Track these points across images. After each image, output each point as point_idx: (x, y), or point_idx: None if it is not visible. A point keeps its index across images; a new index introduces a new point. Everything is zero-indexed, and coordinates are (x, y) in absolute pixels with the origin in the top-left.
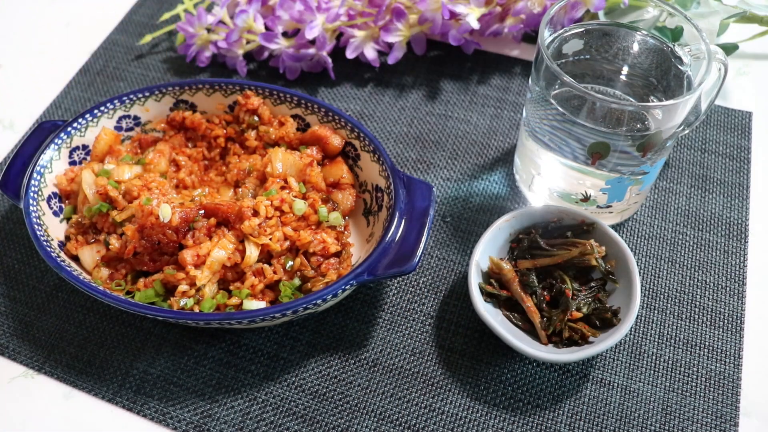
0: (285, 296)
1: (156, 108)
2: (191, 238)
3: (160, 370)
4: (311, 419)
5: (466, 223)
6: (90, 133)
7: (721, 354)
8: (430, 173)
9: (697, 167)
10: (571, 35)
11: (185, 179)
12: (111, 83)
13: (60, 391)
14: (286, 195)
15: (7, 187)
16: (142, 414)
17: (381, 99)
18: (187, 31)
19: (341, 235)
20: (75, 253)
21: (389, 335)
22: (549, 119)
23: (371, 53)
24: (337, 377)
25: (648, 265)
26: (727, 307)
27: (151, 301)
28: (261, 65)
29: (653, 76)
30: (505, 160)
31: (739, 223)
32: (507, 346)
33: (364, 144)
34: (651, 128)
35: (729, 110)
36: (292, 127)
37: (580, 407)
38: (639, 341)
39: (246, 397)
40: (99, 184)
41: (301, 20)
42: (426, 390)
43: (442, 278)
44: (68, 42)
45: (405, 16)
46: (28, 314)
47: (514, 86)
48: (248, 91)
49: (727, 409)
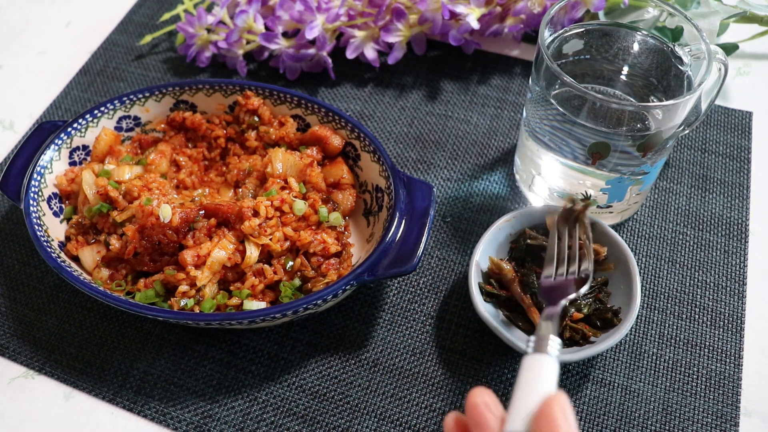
0: (285, 297)
1: (156, 108)
2: (191, 238)
3: (161, 370)
4: (312, 419)
5: (466, 223)
6: (90, 134)
7: (722, 354)
8: (430, 173)
9: (697, 167)
10: (571, 35)
11: (185, 180)
12: (111, 83)
13: (60, 392)
14: (287, 195)
15: (7, 188)
16: (142, 414)
17: (381, 99)
18: (187, 32)
19: (341, 235)
20: (75, 254)
21: (389, 335)
22: (549, 119)
23: (371, 53)
24: (337, 377)
25: (648, 265)
26: (728, 307)
27: (152, 302)
28: (261, 65)
29: (653, 76)
30: (506, 160)
31: (739, 223)
32: (507, 346)
33: (365, 144)
34: (651, 128)
35: (729, 110)
36: (292, 128)
37: (580, 407)
38: (639, 341)
39: (246, 397)
40: (99, 184)
41: (301, 20)
42: (426, 390)
43: (442, 278)
44: (68, 42)
45: (405, 16)
46: (28, 315)
47: (514, 86)
48: (248, 91)
49: (727, 409)
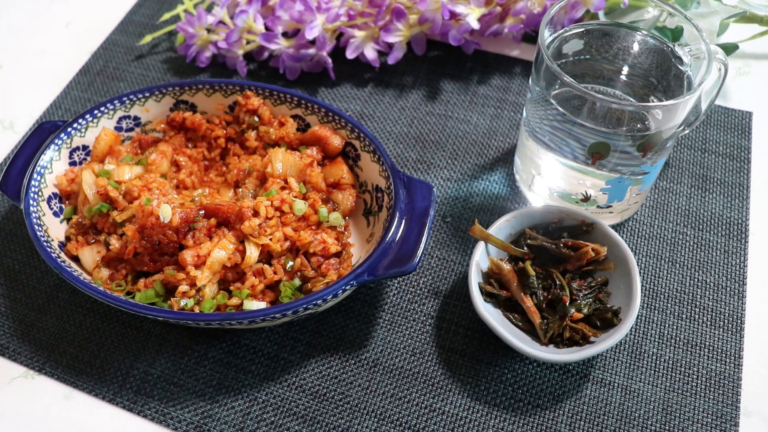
0: (285, 297)
1: (156, 108)
2: (191, 238)
3: (161, 370)
4: (312, 419)
5: (466, 223)
6: (90, 134)
7: (722, 354)
8: (430, 173)
9: (697, 167)
10: (571, 35)
11: (185, 180)
12: (111, 83)
13: (60, 392)
14: (287, 195)
15: (7, 188)
16: (142, 414)
17: (381, 99)
18: (187, 32)
19: (341, 235)
20: (75, 254)
21: (389, 335)
22: (549, 119)
23: (371, 53)
24: (337, 377)
25: (648, 265)
26: (728, 307)
27: (152, 302)
28: (261, 65)
29: (653, 76)
30: (505, 160)
31: (739, 223)
32: (507, 346)
33: (365, 144)
34: (651, 128)
35: (729, 110)
36: (292, 128)
37: (580, 407)
38: (639, 341)
39: (246, 397)
40: (99, 184)
41: (301, 20)
42: (426, 390)
43: (442, 278)
44: (68, 42)
45: (405, 16)
46: (28, 315)
47: (514, 86)
48: (248, 91)
49: (727, 409)
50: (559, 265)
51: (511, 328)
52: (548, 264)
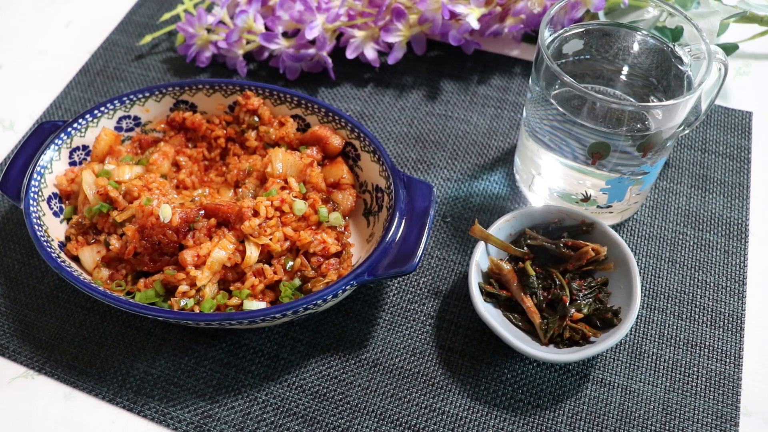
0: (285, 297)
1: (156, 108)
2: (191, 238)
3: (161, 370)
4: (312, 420)
5: (466, 223)
6: (90, 134)
7: (722, 354)
8: (430, 173)
9: (697, 167)
10: (571, 35)
11: (185, 180)
12: (111, 83)
13: (60, 392)
14: (287, 195)
15: (7, 188)
16: (142, 414)
17: (381, 99)
18: (187, 32)
19: (341, 235)
20: (75, 254)
21: (389, 335)
22: (549, 119)
23: (371, 53)
24: (337, 377)
25: (648, 265)
26: (728, 307)
27: (152, 302)
28: (261, 65)
29: (653, 76)
30: (505, 160)
31: (739, 223)
32: (507, 346)
33: (365, 144)
34: (651, 128)
35: (729, 110)
36: (292, 128)
37: (580, 407)
38: (639, 341)
39: (246, 397)
40: (99, 184)
41: (301, 20)
42: (426, 390)
43: (442, 278)
44: (68, 42)
45: (405, 16)
46: (28, 315)
47: (514, 86)
48: (248, 91)
49: (727, 409)
50: (559, 265)
51: (511, 328)
52: (548, 264)
